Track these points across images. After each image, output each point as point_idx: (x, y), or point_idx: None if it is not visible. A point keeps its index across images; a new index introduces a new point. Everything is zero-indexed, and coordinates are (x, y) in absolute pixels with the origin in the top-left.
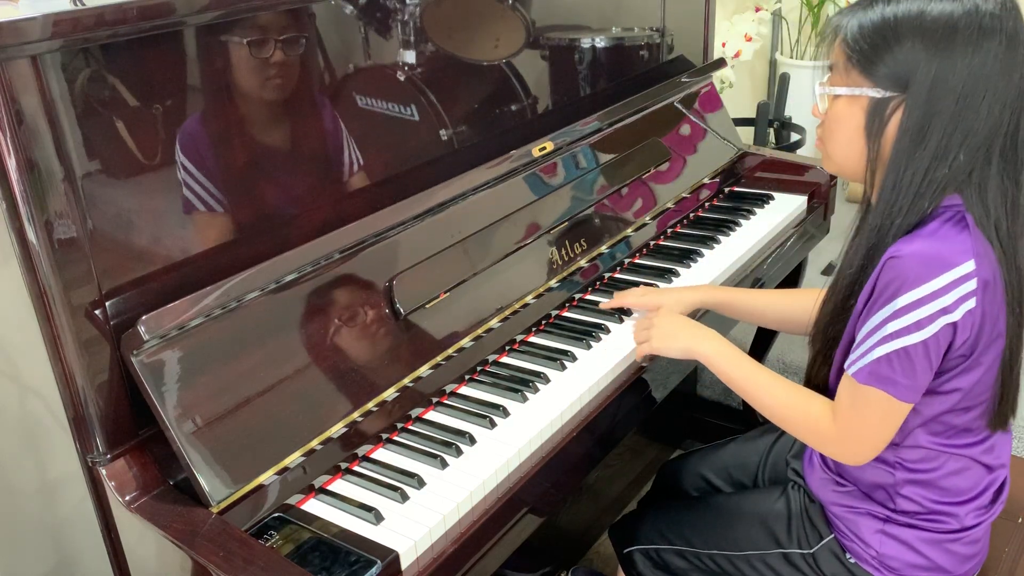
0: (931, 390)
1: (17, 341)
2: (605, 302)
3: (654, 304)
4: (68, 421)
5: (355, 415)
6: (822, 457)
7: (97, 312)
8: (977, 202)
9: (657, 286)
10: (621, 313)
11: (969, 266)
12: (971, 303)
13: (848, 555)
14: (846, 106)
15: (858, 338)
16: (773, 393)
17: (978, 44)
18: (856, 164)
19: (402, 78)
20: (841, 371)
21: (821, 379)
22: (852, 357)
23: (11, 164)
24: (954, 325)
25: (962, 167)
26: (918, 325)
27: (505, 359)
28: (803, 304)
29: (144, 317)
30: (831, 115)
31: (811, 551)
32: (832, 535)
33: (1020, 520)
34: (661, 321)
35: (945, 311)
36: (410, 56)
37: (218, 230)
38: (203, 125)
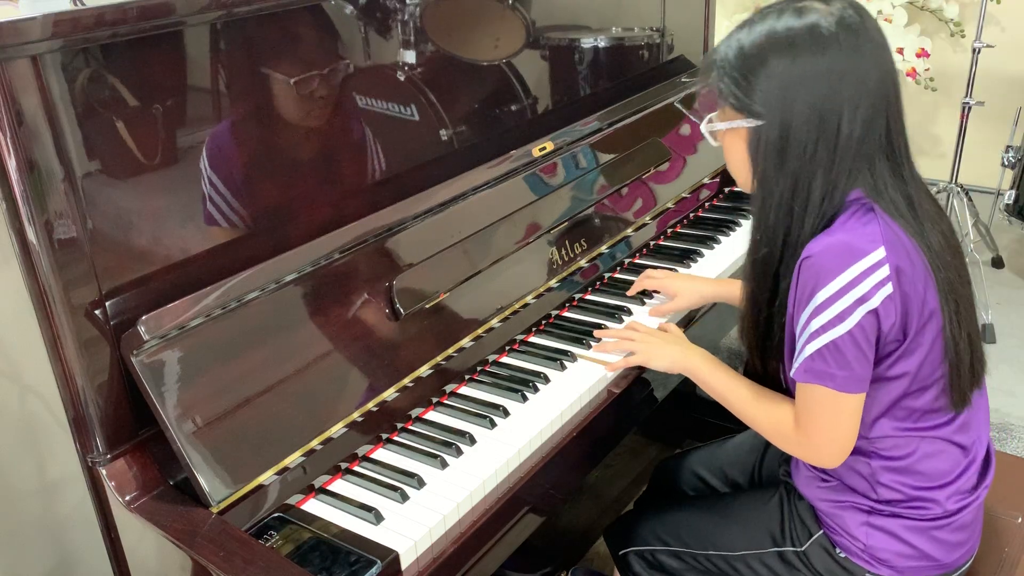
0: (879, 377)
1: (17, 341)
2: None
3: (672, 291)
4: (68, 421)
5: (355, 415)
6: None
7: (97, 312)
8: (876, 197)
9: (676, 270)
10: (621, 312)
11: (879, 254)
12: (888, 289)
13: (838, 550)
14: (731, 138)
15: (797, 341)
16: (748, 401)
17: (821, 54)
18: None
19: (402, 78)
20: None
21: (759, 368)
22: (794, 361)
23: (11, 164)
24: (875, 312)
25: (841, 173)
26: (840, 317)
27: (505, 359)
28: None
29: (144, 317)
30: (724, 147)
31: (803, 548)
32: (821, 531)
33: (1020, 520)
34: (649, 337)
35: (862, 300)
36: (410, 56)
37: (218, 230)
38: (202, 125)
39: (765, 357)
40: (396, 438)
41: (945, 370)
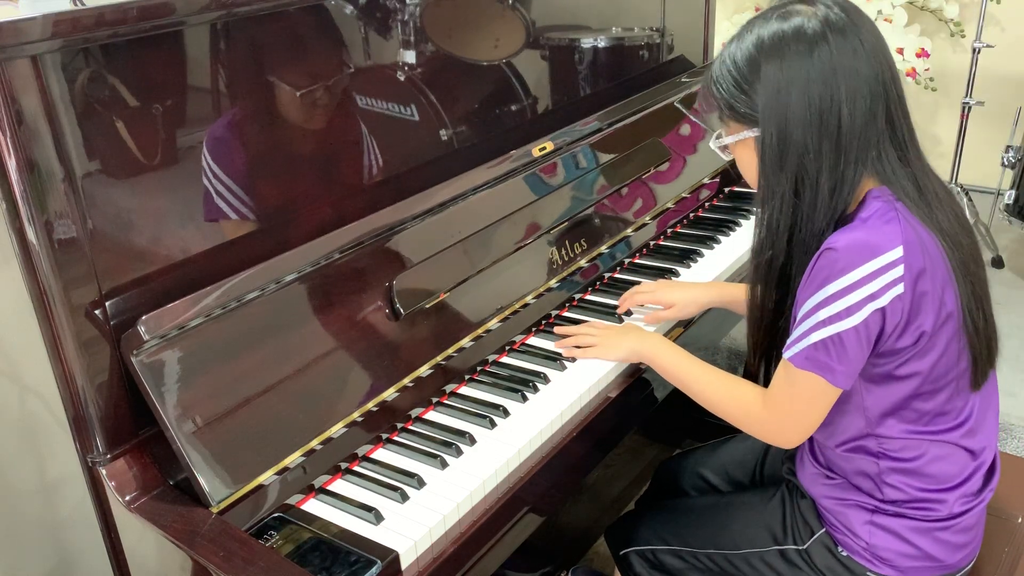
0: (888, 375)
1: (17, 341)
2: (619, 309)
3: (667, 302)
4: (68, 421)
5: (355, 415)
6: (812, 452)
7: (97, 312)
8: (887, 184)
9: (670, 277)
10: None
11: (896, 253)
12: (899, 289)
13: (840, 548)
14: (741, 151)
15: (795, 322)
16: (708, 383)
17: (809, 54)
18: None
19: (402, 78)
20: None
21: (760, 371)
22: (789, 341)
23: (11, 164)
24: (882, 311)
25: (848, 164)
26: (848, 311)
27: (505, 359)
28: None
29: (144, 317)
30: (737, 161)
31: (804, 546)
32: (824, 529)
33: (1020, 520)
34: (605, 332)
35: (872, 297)
36: (410, 56)
37: (218, 230)
38: (203, 125)
39: (769, 360)
40: (396, 438)
41: (967, 350)
